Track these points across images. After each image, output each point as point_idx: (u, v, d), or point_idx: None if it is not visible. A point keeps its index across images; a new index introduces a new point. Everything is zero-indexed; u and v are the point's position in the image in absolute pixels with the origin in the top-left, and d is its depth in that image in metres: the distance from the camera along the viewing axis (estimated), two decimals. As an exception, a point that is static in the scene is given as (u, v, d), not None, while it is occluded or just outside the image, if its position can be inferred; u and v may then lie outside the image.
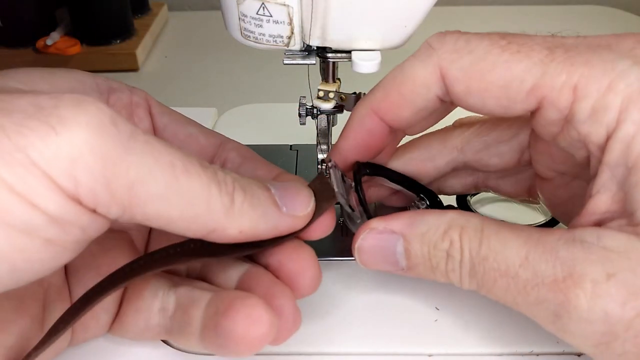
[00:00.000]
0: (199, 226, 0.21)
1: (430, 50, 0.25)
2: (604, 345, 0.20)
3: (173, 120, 0.29)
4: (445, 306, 0.30)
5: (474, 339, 0.29)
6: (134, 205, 0.19)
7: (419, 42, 0.26)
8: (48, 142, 0.17)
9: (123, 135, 0.18)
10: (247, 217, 0.21)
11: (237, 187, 0.22)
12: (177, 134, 0.29)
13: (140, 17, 0.66)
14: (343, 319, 0.30)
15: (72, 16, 0.59)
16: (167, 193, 0.19)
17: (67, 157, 0.17)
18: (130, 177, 0.18)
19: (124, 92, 0.28)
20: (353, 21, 0.27)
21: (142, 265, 0.22)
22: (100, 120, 0.18)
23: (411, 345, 0.28)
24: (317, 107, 0.32)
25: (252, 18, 0.27)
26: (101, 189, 0.18)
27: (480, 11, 0.75)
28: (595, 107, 0.21)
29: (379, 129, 0.27)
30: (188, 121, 0.29)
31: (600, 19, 0.72)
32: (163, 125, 0.29)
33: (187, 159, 0.20)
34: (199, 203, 0.20)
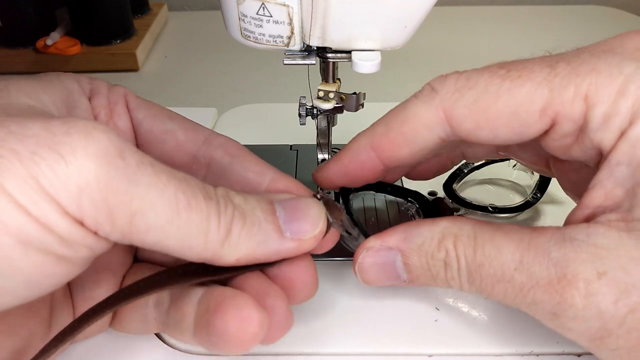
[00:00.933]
0: (195, 254, 0.21)
1: (432, 92, 0.25)
2: (598, 340, 0.21)
3: (149, 116, 0.28)
4: (445, 306, 0.30)
5: (474, 339, 0.29)
6: (133, 233, 0.20)
7: (419, 42, 0.26)
8: (58, 172, 0.18)
9: (129, 167, 0.19)
10: (244, 247, 0.22)
11: (236, 216, 0.22)
12: (152, 130, 0.28)
13: (140, 17, 0.66)
14: (343, 319, 0.30)
15: (72, 16, 0.59)
16: (166, 226, 0.20)
17: (75, 186, 0.18)
18: (133, 208, 0.19)
19: (102, 92, 0.27)
20: (353, 21, 0.27)
21: (142, 287, 0.22)
22: (108, 152, 0.19)
23: (411, 345, 0.28)
24: (317, 107, 0.32)
25: (252, 18, 0.27)
26: (103, 217, 0.19)
27: (480, 11, 0.75)
28: (607, 112, 0.22)
29: (372, 165, 0.27)
30: (169, 116, 0.28)
31: (600, 19, 0.72)
32: (138, 122, 0.28)
33: (191, 191, 0.21)
34: (196, 236, 0.21)
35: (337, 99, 0.32)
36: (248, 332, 0.21)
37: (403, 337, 0.29)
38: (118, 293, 0.22)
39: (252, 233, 0.22)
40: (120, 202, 0.19)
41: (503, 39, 0.67)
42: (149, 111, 0.28)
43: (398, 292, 0.31)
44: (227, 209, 0.22)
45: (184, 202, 0.20)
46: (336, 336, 0.29)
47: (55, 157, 0.18)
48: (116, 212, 0.19)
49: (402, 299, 0.31)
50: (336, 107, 0.32)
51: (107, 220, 0.19)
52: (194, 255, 0.21)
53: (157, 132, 0.28)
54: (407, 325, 0.29)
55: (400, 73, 0.58)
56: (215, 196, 0.22)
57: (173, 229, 0.20)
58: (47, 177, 0.18)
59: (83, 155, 0.18)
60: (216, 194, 0.22)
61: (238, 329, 0.21)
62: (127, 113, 0.28)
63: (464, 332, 0.29)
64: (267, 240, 0.23)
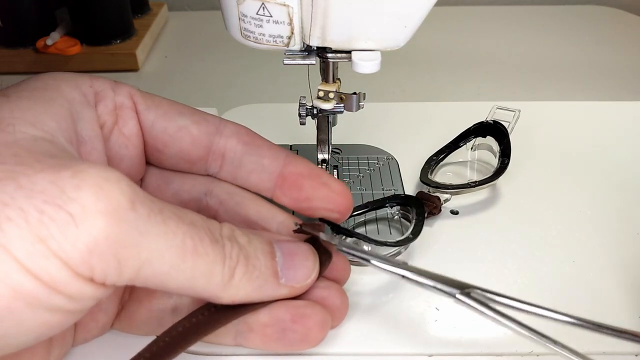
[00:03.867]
0: (195, 294, 0.22)
1: None
2: None
3: (160, 115, 0.27)
4: (445, 306, 0.30)
5: (474, 339, 0.29)
6: (139, 279, 0.20)
7: (419, 42, 0.26)
8: (67, 234, 0.18)
9: (140, 219, 0.19)
10: (243, 290, 0.22)
11: (240, 259, 0.22)
12: (167, 129, 0.27)
13: (140, 17, 0.66)
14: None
15: (72, 16, 0.59)
16: (172, 271, 0.20)
17: (85, 248, 0.18)
18: (142, 258, 0.19)
19: (108, 96, 0.26)
20: (353, 21, 0.27)
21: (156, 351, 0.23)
22: (119, 205, 0.19)
23: (411, 345, 0.28)
24: (317, 107, 0.32)
25: (252, 18, 0.27)
26: (112, 270, 0.19)
27: (480, 11, 0.75)
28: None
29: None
30: (179, 111, 0.27)
31: (600, 19, 0.72)
32: (150, 123, 0.27)
33: (198, 235, 0.21)
34: (200, 279, 0.21)
35: (337, 99, 0.32)
36: (324, 334, 0.25)
37: (403, 337, 0.29)
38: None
39: (253, 277, 0.23)
40: (129, 255, 0.19)
41: (503, 39, 0.67)
42: (159, 110, 0.27)
43: (398, 292, 0.31)
44: (233, 252, 0.22)
45: (191, 248, 0.20)
46: (336, 336, 0.29)
47: (65, 217, 0.18)
48: (125, 264, 0.19)
49: (403, 299, 0.31)
50: (336, 107, 0.32)
51: (116, 271, 0.19)
52: (193, 294, 0.22)
53: (172, 131, 0.27)
54: (407, 325, 0.29)
55: (400, 73, 0.58)
56: (222, 238, 0.22)
57: (178, 274, 0.20)
58: (56, 240, 0.18)
59: (94, 212, 0.18)
60: (222, 236, 0.22)
61: (318, 334, 0.25)
62: (135, 117, 0.27)
63: (464, 332, 0.29)
64: (264, 285, 0.23)
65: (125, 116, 0.26)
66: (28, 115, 0.21)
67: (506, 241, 0.35)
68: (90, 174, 0.19)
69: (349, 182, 0.39)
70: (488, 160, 0.41)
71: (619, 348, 0.28)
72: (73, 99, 0.24)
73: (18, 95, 0.22)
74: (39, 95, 0.23)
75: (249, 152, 0.28)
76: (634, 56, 0.63)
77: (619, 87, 0.57)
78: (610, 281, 0.32)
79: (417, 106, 0.49)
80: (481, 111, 0.43)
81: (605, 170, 0.41)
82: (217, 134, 0.28)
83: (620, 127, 0.47)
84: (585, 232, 0.36)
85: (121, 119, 0.26)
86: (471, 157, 0.41)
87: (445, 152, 0.40)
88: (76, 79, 0.25)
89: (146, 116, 0.27)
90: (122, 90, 0.26)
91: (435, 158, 0.40)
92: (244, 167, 0.28)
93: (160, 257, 0.20)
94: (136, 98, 0.27)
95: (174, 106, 0.28)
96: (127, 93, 0.26)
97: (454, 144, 0.40)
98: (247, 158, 0.28)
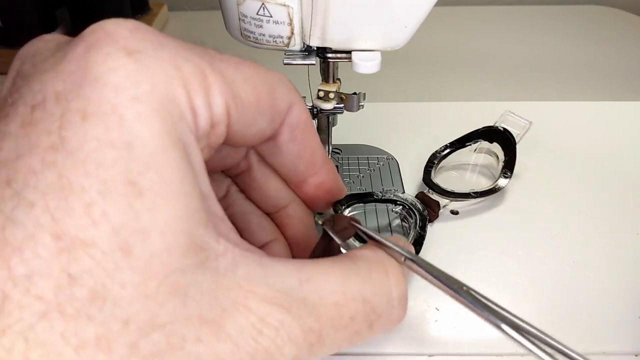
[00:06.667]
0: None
1: None
2: None
3: (243, 122, 0.19)
4: (445, 306, 0.30)
5: (473, 339, 0.29)
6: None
7: (419, 42, 0.26)
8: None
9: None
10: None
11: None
12: (245, 137, 0.20)
13: (140, 17, 0.66)
14: (343, 319, 0.30)
15: (72, 16, 0.59)
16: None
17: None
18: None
19: (201, 107, 0.17)
20: (353, 21, 0.27)
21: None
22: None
23: (411, 345, 0.28)
24: (317, 107, 0.32)
25: (252, 18, 0.27)
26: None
27: (480, 11, 0.75)
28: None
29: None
30: (258, 107, 0.20)
31: (600, 19, 0.72)
32: (232, 132, 0.19)
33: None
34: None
35: (337, 99, 0.32)
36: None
37: (403, 337, 0.29)
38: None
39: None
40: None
41: (503, 39, 0.67)
42: (244, 113, 0.19)
43: (398, 292, 0.31)
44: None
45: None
46: (336, 336, 0.29)
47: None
48: None
49: (402, 299, 0.31)
50: (336, 107, 0.32)
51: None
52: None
53: (248, 137, 0.20)
54: (407, 325, 0.29)
55: (400, 73, 0.57)
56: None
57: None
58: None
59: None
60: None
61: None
62: (224, 134, 0.19)
63: (464, 332, 0.29)
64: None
65: (215, 142, 0.19)
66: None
67: (506, 241, 0.35)
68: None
69: (349, 182, 0.39)
70: (491, 164, 0.41)
71: (619, 348, 0.28)
72: (188, 142, 0.17)
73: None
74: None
75: (291, 152, 0.23)
76: (634, 56, 0.63)
77: (619, 87, 0.57)
78: (610, 281, 0.32)
79: (417, 106, 0.49)
80: (481, 111, 0.43)
81: (605, 170, 0.41)
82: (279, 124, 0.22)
83: (620, 127, 0.47)
84: (585, 232, 0.36)
85: (211, 147, 0.19)
86: (474, 159, 0.41)
87: (449, 149, 0.40)
88: (168, 92, 0.16)
89: (233, 128, 0.19)
90: (216, 92, 0.18)
91: (439, 155, 0.39)
92: (278, 157, 0.23)
93: None
94: (230, 104, 0.18)
95: (253, 95, 0.19)
96: (222, 100, 0.18)
97: (460, 142, 0.40)
98: (285, 157, 0.23)
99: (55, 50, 0.17)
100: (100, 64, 0.16)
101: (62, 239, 0.14)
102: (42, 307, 0.14)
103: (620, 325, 0.29)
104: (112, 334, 0.14)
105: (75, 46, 0.16)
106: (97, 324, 0.14)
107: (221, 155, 0.23)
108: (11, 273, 0.14)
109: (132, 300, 0.14)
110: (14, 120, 0.16)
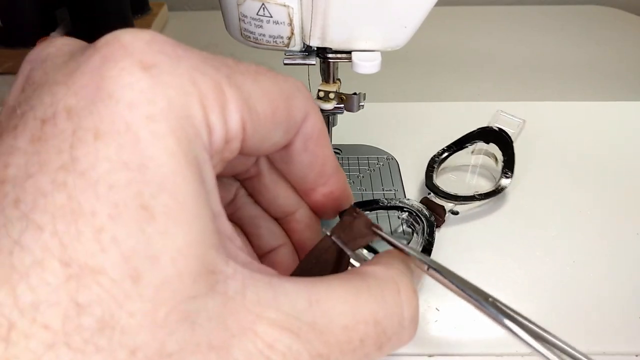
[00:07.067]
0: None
1: None
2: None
3: (258, 136, 0.19)
4: (445, 306, 0.30)
5: (473, 340, 0.29)
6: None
7: (419, 42, 0.26)
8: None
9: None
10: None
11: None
12: (260, 149, 0.20)
13: (140, 17, 0.66)
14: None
15: (72, 16, 0.59)
16: None
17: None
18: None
19: (217, 123, 0.17)
20: (353, 22, 0.27)
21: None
22: None
23: (411, 345, 0.28)
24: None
25: (252, 19, 0.27)
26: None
27: (480, 11, 0.75)
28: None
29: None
30: (274, 120, 0.19)
31: (600, 19, 0.72)
32: (247, 145, 0.19)
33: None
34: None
35: (337, 99, 0.32)
36: None
37: (403, 337, 0.29)
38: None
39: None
40: None
41: (503, 39, 0.67)
42: (259, 127, 0.19)
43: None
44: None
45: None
46: (336, 336, 0.29)
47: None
48: None
49: (402, 299, 0.31)
50: (336, 107, 0.32)
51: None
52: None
53: (263, 149, 0.21)
54: (407, 325, 0.29)
55: (400, 73, 0.58)
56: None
57: None
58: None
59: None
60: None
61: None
62: (238, 149, 0.19)
63: (464, 332, 0.29)
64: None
65: (228, 157, 0.18)
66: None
67: (506, 241, 0.35)
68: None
69: (349, 182, 0.39)
70: (490, 165, 0.41)
71: (619, 348, 0.28)
72: (203, 161, 0.16)
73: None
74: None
75: (303, 162, 0.23)
76: (634, 56, 0.63)
77: (619, 87, 0.57)
78: (610, 281, 0.32)
79: (417, 106, 0.49)
80: (481, 111, 0.43)
81: (605, 170, 0.41)
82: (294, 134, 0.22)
83: (620, 127, 0.47)
84: (585, 232, 0.36)
85: (223, 162, 0.19)
86: (474, 161, 0.41)
87: (447, 152, 0.40)
88: (183, 109, 0.16)
89: (248, 143, 0.18)
90: (232, 108, 0.17)
91: (437, 159, 0.39)
92: (289, 165, 0.23)
93: None
94: (246, 119, 0.18)
95: (270, 108, 0.19)
96: (239, 116, 0.17)
97: (457, 145, 0.40)
98: (296, 166, 0.23)
99: (67, 59, 0.17)
100: (114, 79, 0.15)
101: (71, 265, 0.13)
102: (49, 337, 0.13)
103: (620, 325, 0.29)
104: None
105: (89, 57, 0.16)
106: (105, 354, 0.14)
107: (232, 162, 0.22)
108: (18, 301, 0.13)
109: (140, 329, 0.14)
110: (22, 134, 0.15)
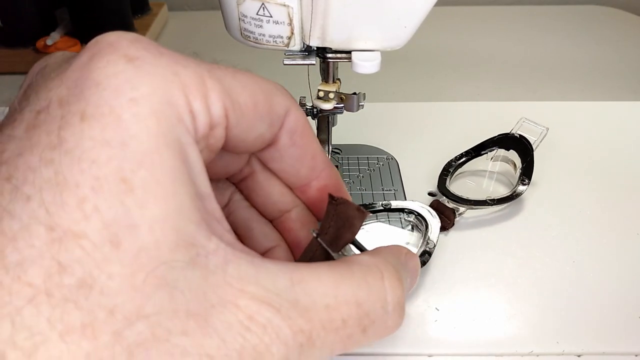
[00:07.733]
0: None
1: None
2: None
3: (242, 127, 0.20)
4: (445, 306, 0.30)
5: (473, 339, 0.29)
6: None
7: (419, 42, 0.26)
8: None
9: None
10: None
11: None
12: (245, 142, 0.21)
13: (140, 17, 0.66)
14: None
15: (72, 16, 0.59)
16: None
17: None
18: None
19: (201, 112, 0.18)
20: (353, 22, 0.27)
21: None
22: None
23: (411, 345, 0.28)
24: (317, 107, 0.32)
25: (252, 18, 0.27)
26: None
27: (480, 11, 0.75)
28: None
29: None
30: (257, 113, 0.20)
31: (600, 19, 0.72)
32: (230, 136, 0.20)
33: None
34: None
35: (337, 99, 0.32)
36: None
37: (403, 337, 0.29)
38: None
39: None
40: None
41: (503, 39, 0.67)
42: (242, 117, 0.20)
43: (398, 292, 0.31)
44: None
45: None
46: (336, 336, 0.29)
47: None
48: None
49: (402, 299, 0.31)
50: (336, 107, 0.32)
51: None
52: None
53: (247, 142, 0.21)
54: (407, 325, 0.29)
55: (400, 73, 0.58)
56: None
57: None
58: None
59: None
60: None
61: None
62: (223, 138, 0.19)
63: (464, 332, 0.29)
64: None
65: (214, 145, 0.19)
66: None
67: (506, 241, 0.35)
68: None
69: (349, 182, 0.39)
70: (507, 171, 0.40)
71: (619, 348, 0.28)
72: (189, 154, 0.17)
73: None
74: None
75: (292, 156, 0.23)
76: (634, 56, 0.63)
77: (619, 87, 0.57)
78: (610, 281, 0.32)
79: (417, 106, 0.49)
80: (481, 111, 0.43)
81: (605, 170, 0.41)
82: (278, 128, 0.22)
83: (620, 127, 0.47)
84: (585, 232, 0.36)
85: (210, 150, 0.19)
86: (491, 167, 0.41)
87: (465, 158, 0.39)
88: (165, 88, 0.17)
89: (232, 132, 0.19)
90: (214, 96, 0.18)
91: (454, 164, 0.39)
92: (280, 162, 0.24)
93: None
94: (228, 107, 0.19)
95: (251, 100, 0.20)
96: (221, 104, 0.18)
97: (476, 150, 0.39)
98: (287, 161, 0.24)
99: (62, 63, 0.18)
100: (101, 69, 0.16)
101: (55, 230, 0.14)
102: (30, 293, 0.14)
103: (620, 325, 0.29)
104: (98, 322, 0.14)
105: (80, 56, 0.17)
106: (84, 311, 0.14)
107: (224, 162, 0.23)
108: (4, 261, 0.14)
109: (118, 291, 0.15)
110: (20, 125, 0.16)
